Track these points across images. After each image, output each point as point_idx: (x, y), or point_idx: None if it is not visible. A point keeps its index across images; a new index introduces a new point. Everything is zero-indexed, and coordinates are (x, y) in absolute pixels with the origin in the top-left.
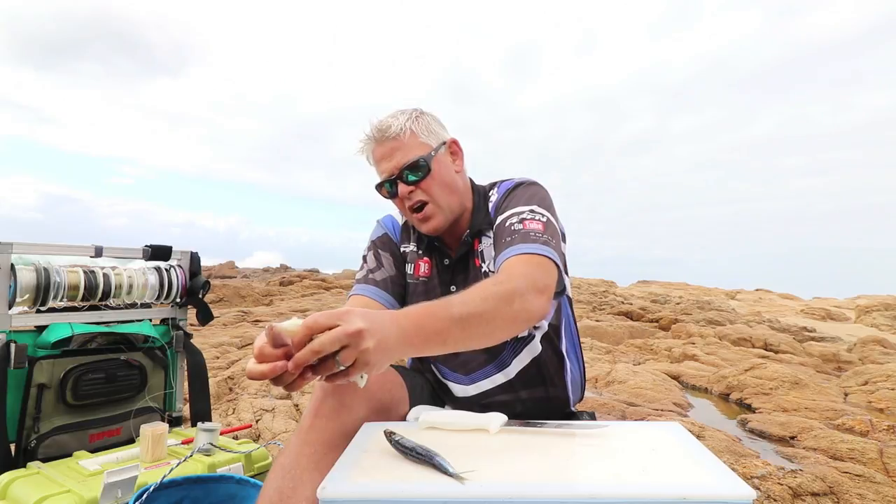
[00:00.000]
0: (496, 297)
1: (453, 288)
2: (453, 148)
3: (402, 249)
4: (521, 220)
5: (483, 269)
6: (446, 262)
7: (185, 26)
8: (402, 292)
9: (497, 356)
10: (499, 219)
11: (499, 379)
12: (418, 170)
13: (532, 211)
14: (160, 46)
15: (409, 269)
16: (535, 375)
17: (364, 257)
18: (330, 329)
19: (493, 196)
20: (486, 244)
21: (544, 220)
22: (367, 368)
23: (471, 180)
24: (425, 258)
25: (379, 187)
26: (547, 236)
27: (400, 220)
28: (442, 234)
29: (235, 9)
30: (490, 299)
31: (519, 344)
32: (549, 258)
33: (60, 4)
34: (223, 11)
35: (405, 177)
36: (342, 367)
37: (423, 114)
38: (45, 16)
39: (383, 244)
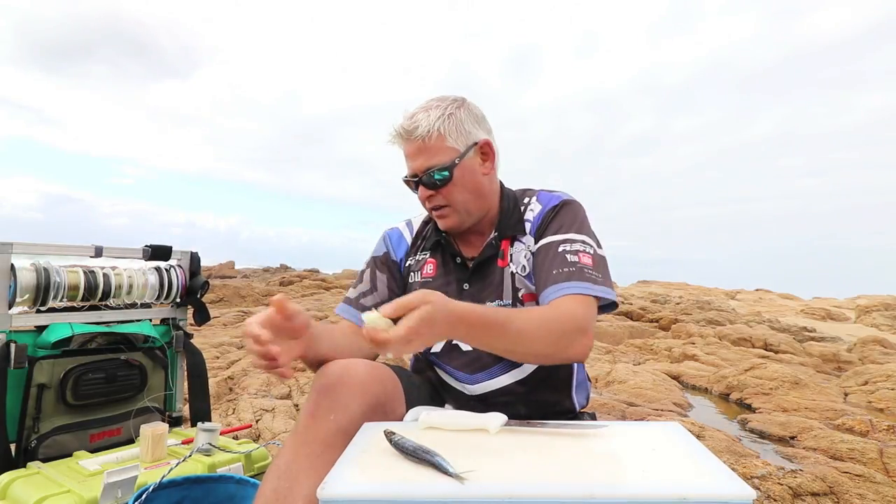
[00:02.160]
0: (550, 330)
1: (466, 286)
2: (484, 149)
3: (408, 262)
4: (576, 252)
5: (510, 271)
6: (458, 260)
7: (194, 30)
8: None
9: (503, 357)
10: (548, 238)
11: (504, 381)
12: (439, 177)
13: (584, 242)
14: (169, 50)
15: (416, 276)
16: (543, 379)
17: (362, 273)
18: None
19: (533, 205)
20: (519, 248)
21: (592, 252)
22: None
23: (501, 184)
24: (431, 259)
25: (406, 181)
26: (597, 273)
27: (409, 232)
28: (458, 232)
29: (239, 11)
30: (543, 329)
31: None
32: (596, 297)
33: (72, 8)
34: (228, 15)
35: (426, 181)
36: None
37: (459, 108)
38: (55, 19)
39: (381, 263)
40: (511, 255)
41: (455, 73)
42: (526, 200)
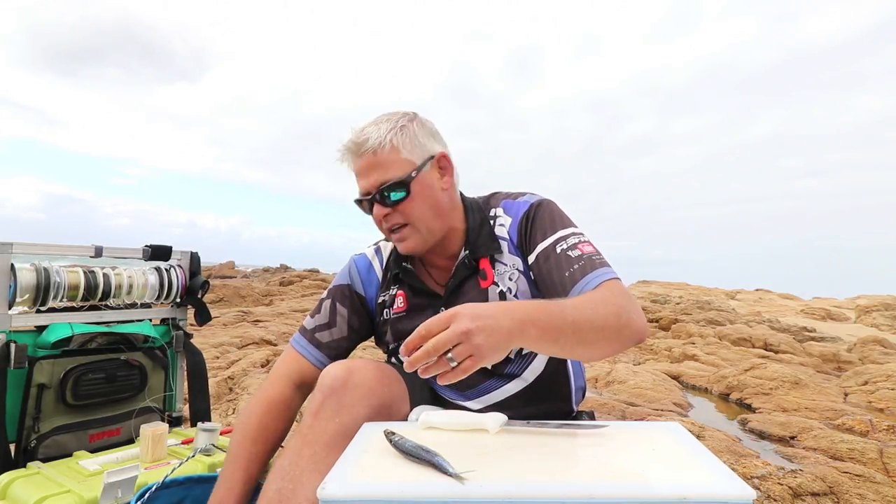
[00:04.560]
0: (606, 307)
1: (443, 309)
2: (442, 163)
3: (380, 299)
4: (575, 246)
5: (498, 290)
6: (428, 288)
7: (202, 33)
8: (351, 349)
9: (496, 374)
10: (541, 247)
11: (497, 396)
12: (396, 192)
13: (574, 234)
14: (179, 53)
15: (390, 313)
16: (540, 390)
17: (321, 302)
18: (442, 331)
19: (501, 218)
20: (502, 269)
21: (586, 239)
22: (482, 361)
23: (461, 195)
24: (399, 291)
25: (357, 202)
26: (604, 257)
27: (379, 263)
28: (424, 255)
29: (242, 13)
30: (600, 308)
31: (524, 361)
32: (621, 281)
33: (84, 12)
34: (232, 17)
35: (382, 198)
36: (455, 363)
37: (412, 121)
38: (68, 23)
39: (343, 297)
40: (495, 275)
41: (456, 74)
42: (492, 213)
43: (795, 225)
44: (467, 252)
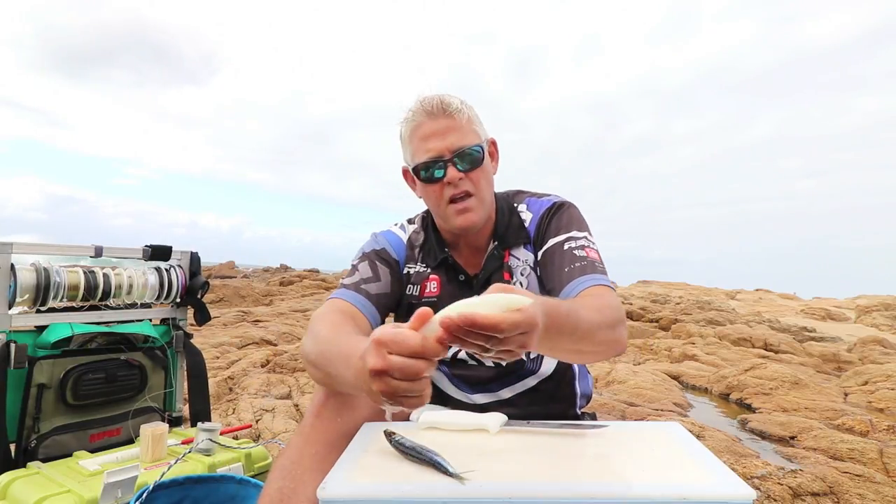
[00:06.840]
0: (605, 321)
1: None
2: (492, 149)
3: (405, 270)
4: (583, 248)
5: (513, 284)
6: (462, 277)
7: (209, 37)
8: (390, 311)
9: (506, 375)
10: (551, 242)
11: (505, 394)
12: (473, 157)
13: (586, 238)
14: (187, 56)
15: (414, 290)
16: (546, 391)
17: (355, 266)
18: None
19: (524, 212)
20: (515, 263)
21: (595, 248)
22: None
23: None
24: (433, 276)
25: (415, 169)
26: (605, 267)
27: (403, 236)
28: (459, 242)
29: (244, 15)
30: (604, 316)
31: (535, 361)
32: (615, 290)
33: (95, 16)
34: (234, 18)
35: (457, 162)
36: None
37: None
38: (78, 26)
39: (381, 258)
40: (510, 266)
41: (457, 75)
42: (519, 208)
43: (795, 225)
44: (496, 244)
